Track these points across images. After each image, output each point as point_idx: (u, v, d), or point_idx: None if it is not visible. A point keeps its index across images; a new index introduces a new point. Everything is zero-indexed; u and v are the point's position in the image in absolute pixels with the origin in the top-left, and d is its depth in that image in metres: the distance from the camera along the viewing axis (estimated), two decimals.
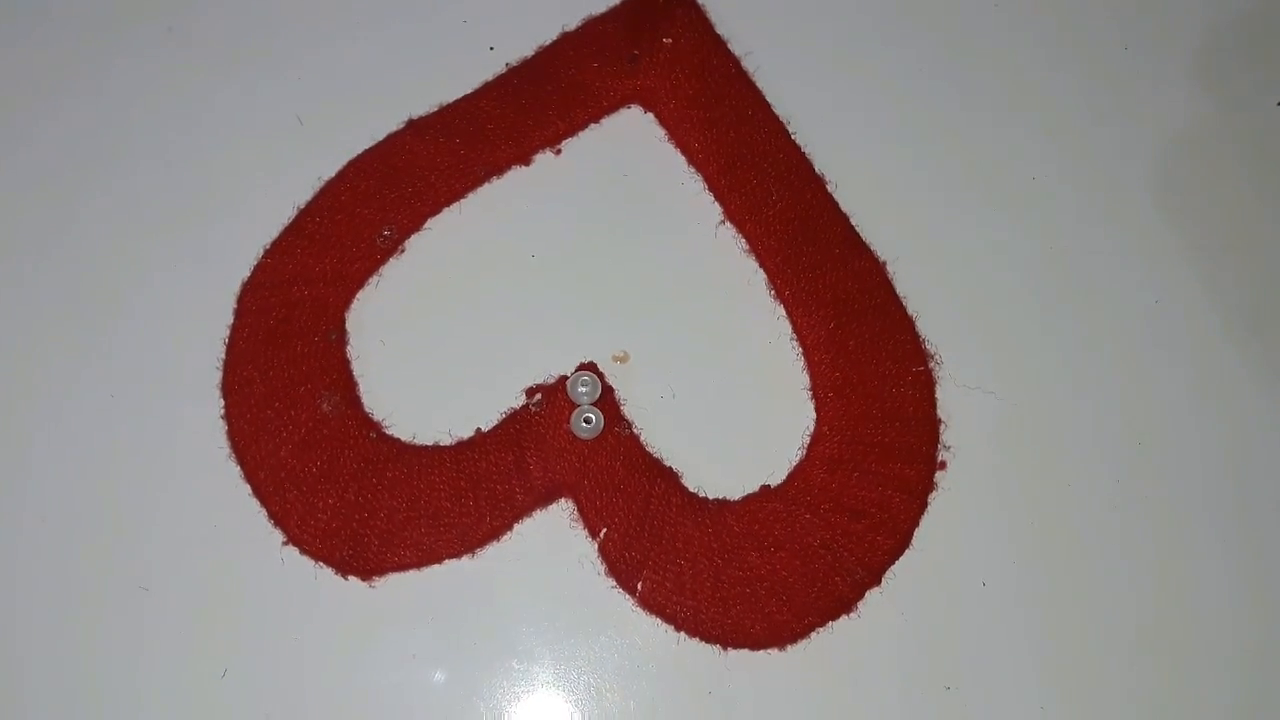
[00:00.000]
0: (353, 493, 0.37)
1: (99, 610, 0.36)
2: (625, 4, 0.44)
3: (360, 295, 0.40)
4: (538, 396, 0.38)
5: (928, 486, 0.38)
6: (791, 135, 0.42)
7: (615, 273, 0.40)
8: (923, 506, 0.37)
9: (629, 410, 0.38)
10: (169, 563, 0.36)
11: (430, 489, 0.37)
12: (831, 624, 0.36)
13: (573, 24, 0.43)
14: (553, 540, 0.37)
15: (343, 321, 0.39)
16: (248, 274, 0.39)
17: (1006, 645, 0.37)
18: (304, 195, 0.40)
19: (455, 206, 0.41)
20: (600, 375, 0.38)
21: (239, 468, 0.37)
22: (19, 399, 0.38)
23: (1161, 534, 0.38)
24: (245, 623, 0.36)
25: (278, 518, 0.36)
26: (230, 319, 0.39)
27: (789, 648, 0.36)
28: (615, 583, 0.36)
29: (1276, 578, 0.38)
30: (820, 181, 0.41)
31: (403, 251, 0.40)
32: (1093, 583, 0.37)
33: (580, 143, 0.42)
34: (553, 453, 0.37)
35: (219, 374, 0.38)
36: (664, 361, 0.39)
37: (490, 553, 0.37)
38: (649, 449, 0.38)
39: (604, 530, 0.36)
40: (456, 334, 0.39)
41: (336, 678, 0.36)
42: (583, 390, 0.37)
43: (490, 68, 0.43)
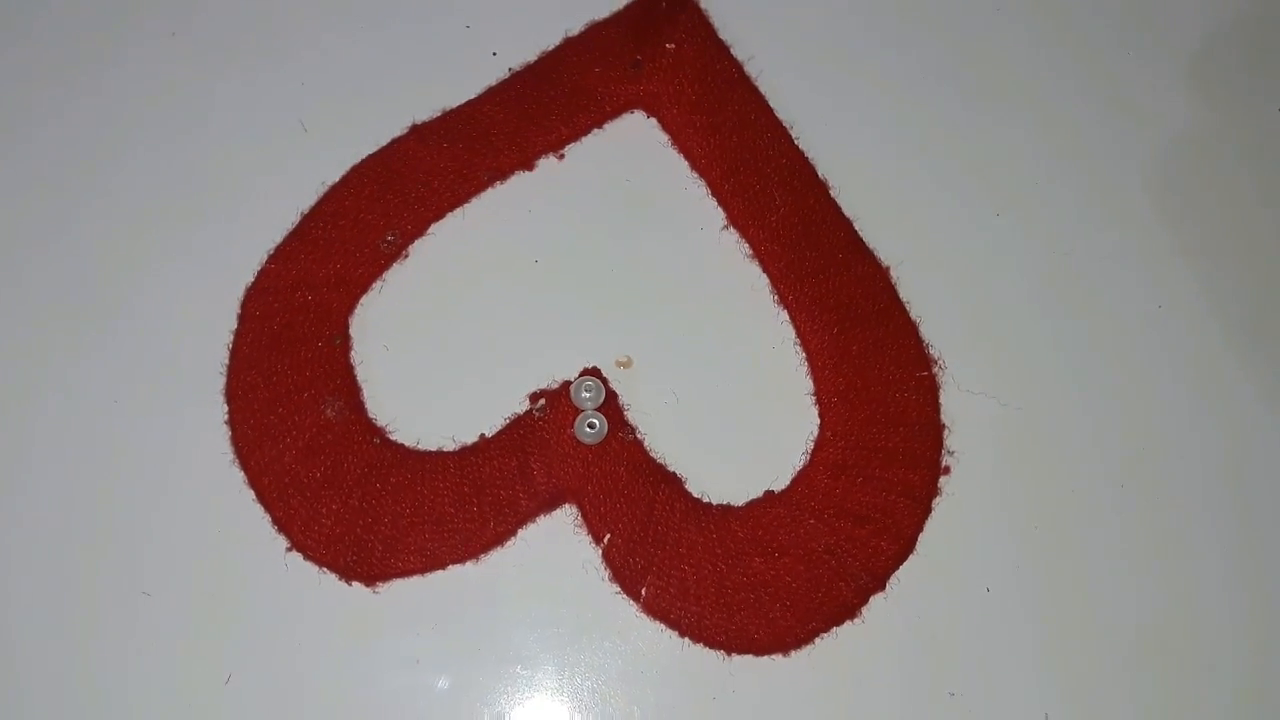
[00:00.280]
0: (356, 498, 0.37)
1: (102, 616, 0.36)
2: (628, 9, 0.44)
3: (364, 300, 0.40)
4: (541, 402, 0.38)
5: (932, 491, 0.38)
6: (794, 140, 0.42)
7: (618, 277, 0.40)
8: (927, 512, 0.37)
9: (633, 415, 0.38)
10: (172, 568, 0.36)
11: (434, 494, 0.37)
12: (836, 630, 0.36)
13: (575, 29, 0.43)
14: (556, 546, 0.37)
15: (346, 326, 0.39)
16: (251, 279, 0.39)
17: (1010, 651, 0.37)
18: (308, 200, 0.40)
19: (459, 211, 0.41)
20: (604, 380, 0.38)
21: (242, 473, 0.37)
22: (22, 403, 0.38)
23: (1165, 539, 0.38)
24: (248, 629, 0.36)
25: (281, 523, 0.36)
26: (234, 324, 0.39)
27: (793, 653, 0.36)
28: (619, 588, 0.36)
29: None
30: (823, 186, 0.41)
31: (406, 256, 0.40)
32: (1096, 588, 0.37)
33: (583, 148, 0.42)
34: (556, 458, 0.37)
35: (222, 379, 0.38)
36: (667, 366, 0.39)
37: (494, 558, 0.37)
38: (653, 454, 0.38)
39: (608, 536, 0.36)
40: (460, 339, 0.39)
41: (340, 684, 0.36)
42: (586, 395, 0.37)
43: (493, 73, 0.43)
